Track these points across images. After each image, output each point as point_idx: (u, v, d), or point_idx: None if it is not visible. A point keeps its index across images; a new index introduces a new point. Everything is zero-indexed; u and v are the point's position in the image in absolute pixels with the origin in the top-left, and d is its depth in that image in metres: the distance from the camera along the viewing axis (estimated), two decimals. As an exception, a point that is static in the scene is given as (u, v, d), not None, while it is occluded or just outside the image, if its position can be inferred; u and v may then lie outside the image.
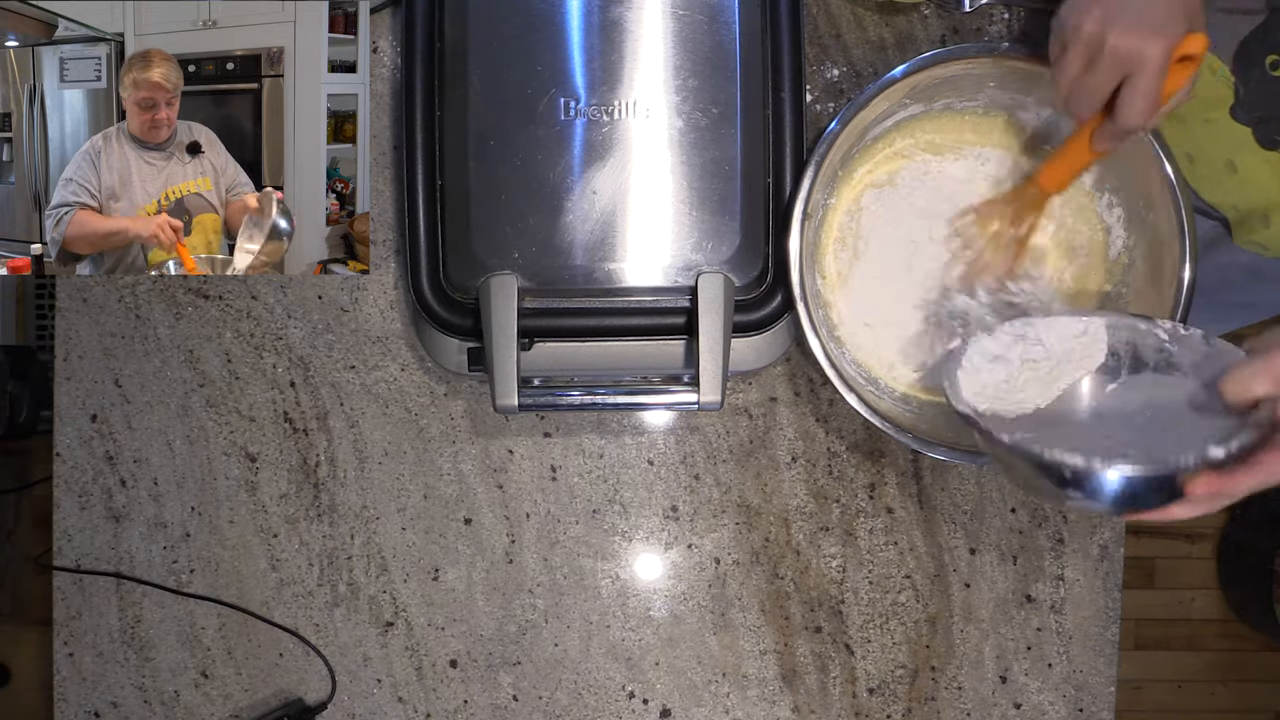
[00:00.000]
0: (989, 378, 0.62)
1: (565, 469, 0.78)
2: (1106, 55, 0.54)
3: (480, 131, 0.69)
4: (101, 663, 0.79)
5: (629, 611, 0.79)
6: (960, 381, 0.61)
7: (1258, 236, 0.73)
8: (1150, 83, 0.54)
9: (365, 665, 0.79)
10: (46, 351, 1.68)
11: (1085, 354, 0.63)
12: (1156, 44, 0.53)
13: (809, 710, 0.79)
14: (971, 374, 0.62)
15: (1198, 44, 0.55)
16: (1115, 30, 0.54)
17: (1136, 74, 0.54)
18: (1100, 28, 0.54)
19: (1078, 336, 0.62)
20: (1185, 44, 0.54)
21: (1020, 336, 0.62)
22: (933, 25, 0.78)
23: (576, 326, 0.70)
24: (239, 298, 0.78)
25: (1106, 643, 0.79)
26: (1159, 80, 0.55)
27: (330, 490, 0.78)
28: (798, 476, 0.79)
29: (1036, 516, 0.79)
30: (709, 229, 0.69)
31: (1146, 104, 0.55)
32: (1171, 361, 0.60)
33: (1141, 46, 0.54)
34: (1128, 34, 0.54)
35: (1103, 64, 0.55)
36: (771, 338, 0.72)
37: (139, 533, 0.78)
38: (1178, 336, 0.60)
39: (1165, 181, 0.66)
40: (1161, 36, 0.53)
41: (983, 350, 0.62)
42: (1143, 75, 0.54)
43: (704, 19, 0.69)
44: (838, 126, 0.67)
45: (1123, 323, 0.62)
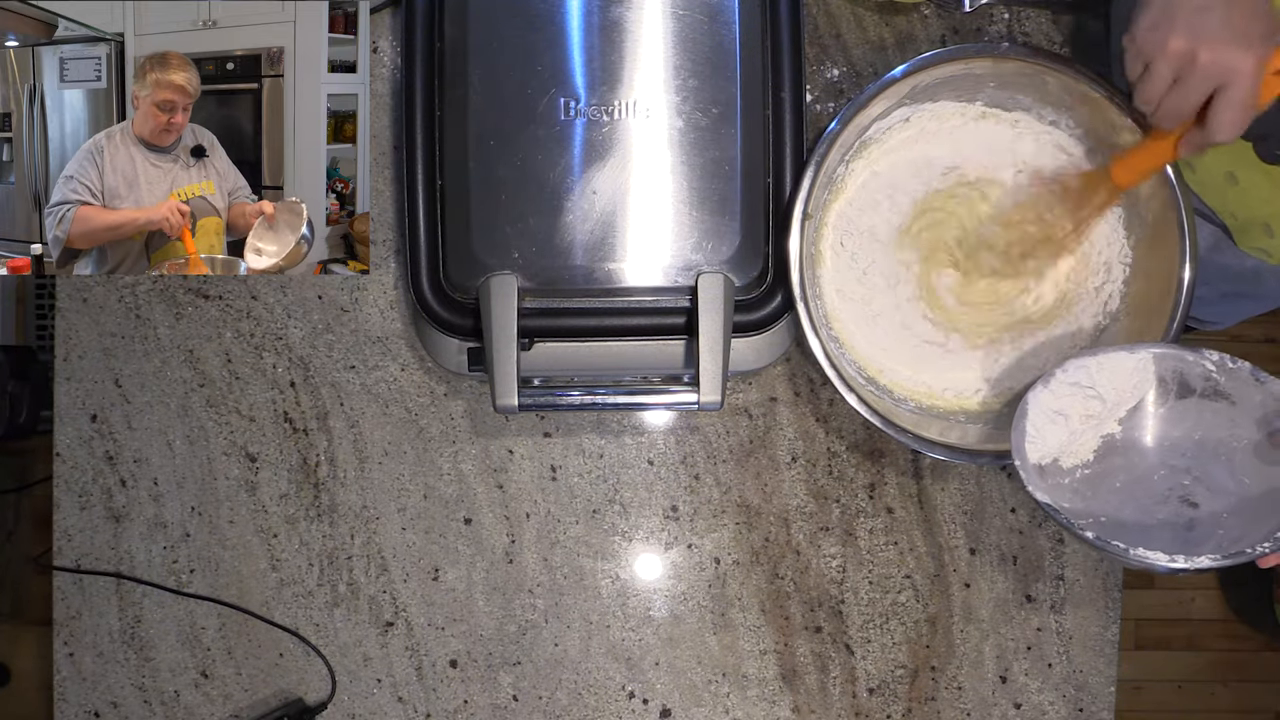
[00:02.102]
0: (1052, 438, 0.64)
1: (565, 469, 0.78)
2: (1199, 71, 0.55)
3: (480, 131, 0.69)
4: (101, 663, 0.79)
5: (629, 611, 0.79)
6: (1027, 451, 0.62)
7: (1260, 244, 0.74)
8: (1245, 95, 0.55)
9: (365, 665, 0.79)
10: (46, 351, 1.68)
11: (1135, 387, 0.64)
12: (1249, 58, 0.54)
13: (809, 710, 0.79)
14: (1036, 439, 0.63)
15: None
16: (1206, 46, 0.55)
17: (1230, 86, 0.55)
18: (1188, 44, 0.55)
19: (1128, 373, 0.64)
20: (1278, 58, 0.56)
21: (1076, 384, 0.63)
22: (933, 25, 0.78)
23: (576, 326, 0.70)
24: (239, 298, 0.78)
25: (1106, 643, 0.79)
26: (1253, 94, 0.55)
27: (330, 490, 0.78)
28: (798, 476, 0.79)
29: (1036, 516, 0.79)
30: (709, 229, 0.69)
31: (1241, 115, 0.56)
32: (1219, 390, 0.62)
33: (1234, 60, 0.54)
34: (1219, 48, 0.54)
35: (1194, 79, 0.56)
36: (771, 338, 0.72)
37: (139, 533, 0.78)
38: (1225, 369, 0.61)
39: (1165, 182, 0.66)
40: (1252, 49, 0.54)
41: (1042, 407, 0.63)
42: (1237, 88, 0.55)
43: (704, 19, 0.69)
44: (838, 126, 0.67)
45: (1169, 353, 0.63)
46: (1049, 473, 0.64)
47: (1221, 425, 0.62)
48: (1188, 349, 0.62)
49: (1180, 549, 0.58)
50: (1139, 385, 0.64)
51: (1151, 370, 0.63)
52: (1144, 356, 0.63)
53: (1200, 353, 0.62)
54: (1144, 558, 0.57)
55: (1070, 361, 0.64)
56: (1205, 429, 0.63)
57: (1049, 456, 0.64)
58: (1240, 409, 0.61)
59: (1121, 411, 0.64)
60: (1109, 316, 0.71)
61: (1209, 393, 0.62)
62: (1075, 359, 0.63)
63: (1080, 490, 0.64)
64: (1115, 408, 0.64)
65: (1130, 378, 0.64)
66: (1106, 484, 0.64)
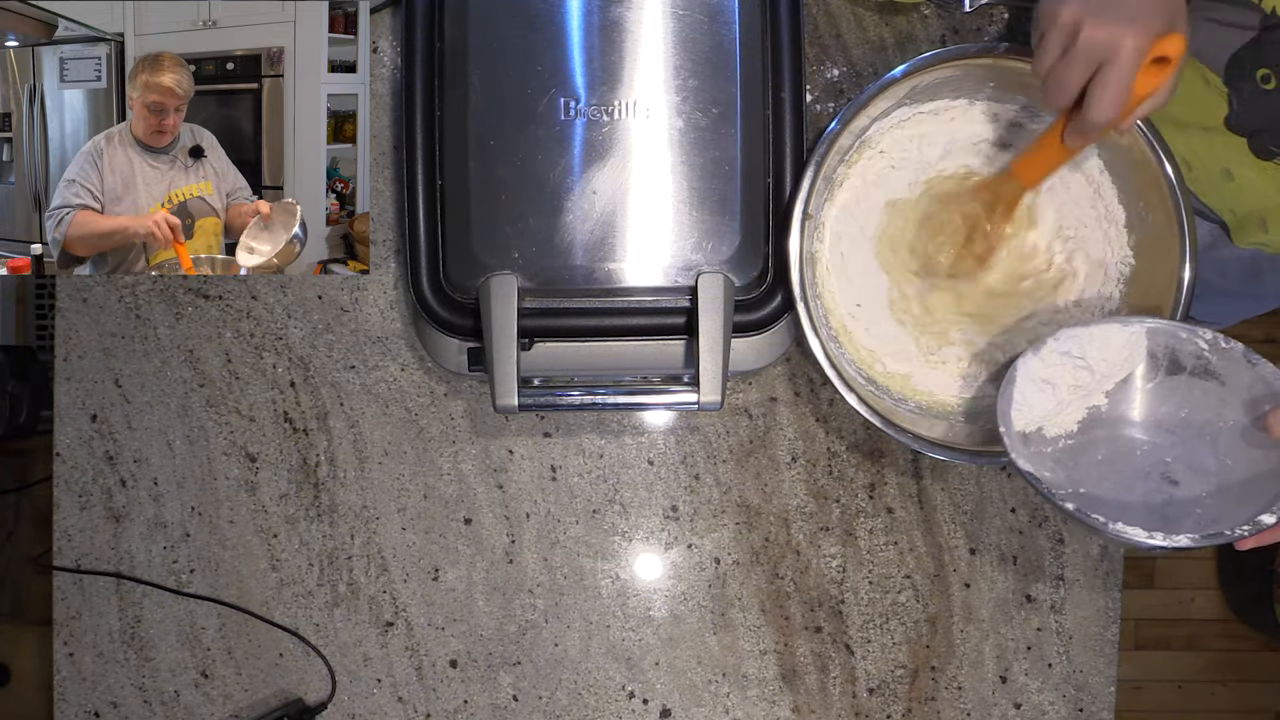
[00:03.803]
0: (1038, 405, 0.64)
1: (565, 469, 0.78)
2: (1081, 44, 0.54)
3: (480, 131, 0.69)
4: (101, 663, 0.79)
5: (629, 611, 0.79)
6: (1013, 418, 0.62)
7: (1258, 239, 0.74)
8: (1121, 74, 0.53)
9: (365, 665, 0.79)
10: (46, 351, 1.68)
11: (1126, 360, 0.64)
12: (1131, 36, 0.53)
13: (809, 710, 0.79)
14: (1023, 407, 0.63)
15: (1175, 45, 0.54)
16: (1091, 19, 0.53)
17: (1110, 64, 0.53)
18: (1077, 16, 0.54)
19: (1120, 346, 0.63)
20: (1162, 44, 0.54)
21: (1066, 354, 0.63)
22: (933, 25, 0.78)
23: (576, 326, 0.70)
24: (239, 298, 0.78)
25: (1106, 643, 0.79)
26: (1130, 73, 0.54)
27: (330, 490, 0.78)
28: (798, 476, 0.79)
29: (1036, 516, 0.79)
30: (709, 229, 0.69)
31: (1115, 97, 0.54)
32: (1209, 369, 0.61)
33: (1115, 37, 0.53)
34: (1103, 24, 0.53)
35: (1077, 53, 0.54)
36: (771, 338, 0.72)
37: (139, 533, 0.78)
38: (1218, 349, 0.61)
39: (1165, 182, 0.66)
40: (1137, 29, 0.53)
41: (1030, 375, 0.63)
42: (1115, 66, 0.53)
43: (704, 19, 0.69)
44: (838, 126, 0.67)
45: (1163, 328, 0.63)
46: (1032, 440, 0.64)
47: (1210, 405, 0.62)
48: (1182, 325, 0.62)
49: (1158, 526, 0.58)
50: (1129, 359, 0.64)
51: (1143, 344, 0.63)
52: (1137, 330, 0.63)
53: (1194, 330, 0.61)
54: (1122, 532, 0.57)
55: (1062, 330, 0.63)
56: (1192, 407, 0.62)
57: (1033, 424, 0.64)
58: (1230, 389, 0.61)
59: (1110, 384, 0.64)
60: (1109, 316, 0.71)
61: (1199, 371, 0.62)
62: (1068, 329, 0.63)
63: (1062, 460, 0.63)
64: (1104, 380, 0.64)
65: (1121, 350, 0.63)
66: (1088, 456, 0.64)
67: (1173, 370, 0.63)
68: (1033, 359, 0.63)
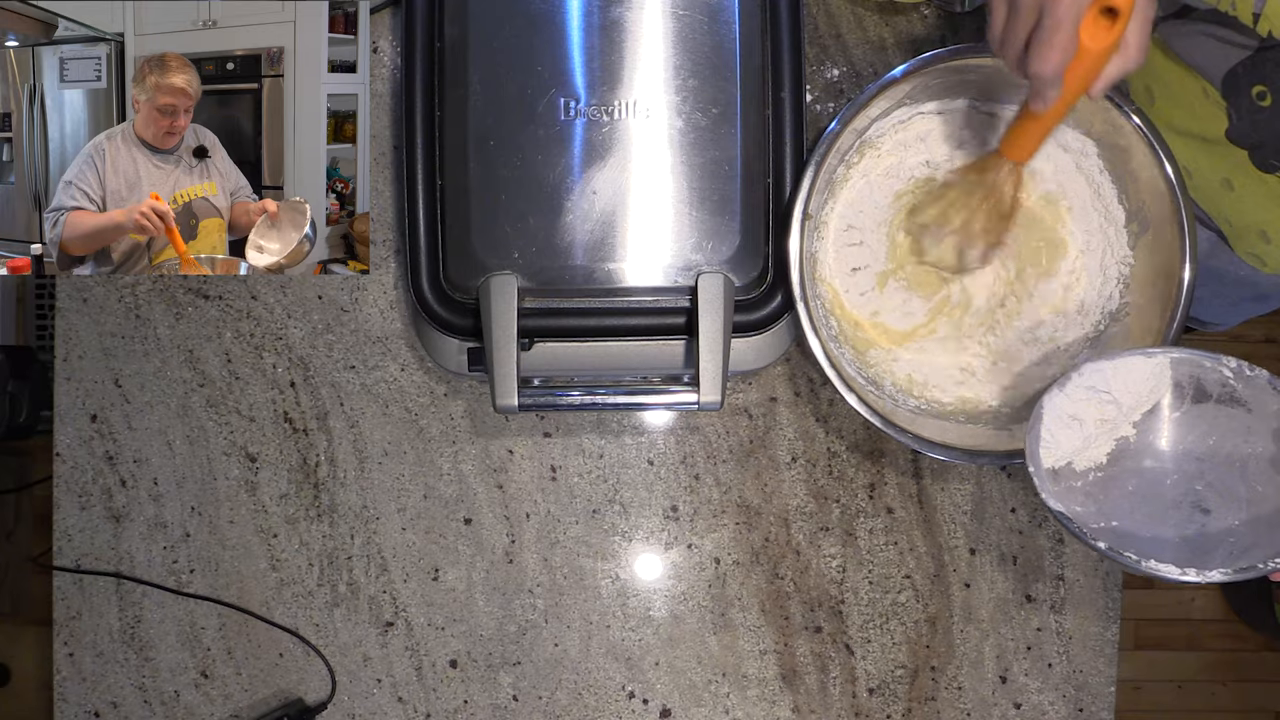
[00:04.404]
0: (1065, 442, 0.63)
1: (565, 469, 0.78)
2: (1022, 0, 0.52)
3: (480, 131, 0.69)
4: (101, 663, 0.79)
5: (629, 611, 0.79)
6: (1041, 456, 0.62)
7: (1256, 250, 0.73)
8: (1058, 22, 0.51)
9: (365, 665, 0.79)
10: (46, 351, 1.68)
11: (1151, 391, 0.63)
12: None
13: (809, 710, 0.79)
14: (1051, 444, 0.63)
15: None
16: None
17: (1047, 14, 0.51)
18: None
19: (1144, 378, 0.63)
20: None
21: (1091, 388, 0.63)
22: (933, 25, 0.78)
23: (576, 326, 0.70)
24: (239, 298, 0.78)
25: (1106, 643, 0.79)
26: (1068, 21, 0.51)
27: (330, 490, 0.78)
28: (798, 476, 0.79)
29: (1036, 516, 0.79)
30: (709, 229, 0.69)
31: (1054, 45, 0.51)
32: (1235, 397, 0.61)
33: None
34: None
35: (1018, 8, 0.52)
36: (771, 338, 0.72)
37: (139, 533, 0.78)
38: (1243, 376, 0.60)
39: (1166, 183, 0.66)
40: None
41: (1057, 412, 0.63)
42: (1050, 15, 0.51)
43: (704, 19, 0.69)
44: (838, 126, 0.67)
45: (1187, 358, 0.62)
46: (1061, 476, 0.63)
47: (1237, 432, 0.62)
48: (1205, 354, 0.61)
49: (1191, 556, 0.58)
50: (1155, 389, 0.63)
51: (1168, 375, 0.63)
52: (1161, 361, 0.62)
53: (1218, 358, 0.61)
54: (1155, 569, 0.57)
55: (1086, 365, 0.63)
56: (1220, 435, 0.62)
57: (1062, 460, 0.63)
58: (1256, 417, 0.61)
59: (1136, 415, 0.64)
60: (1109, 317, 0.72)
61: (1225, 399, 0.62)
62: (1091, 362, 0.63)
63: (1092, 493, 0.63)
64: (1130, 411, 0.64)
65: (1146, 382, 0.63)
66: (1119, 487, 0.64)
67: (1199, 399, 0.63)
68: (1059, 395, 0.62)
